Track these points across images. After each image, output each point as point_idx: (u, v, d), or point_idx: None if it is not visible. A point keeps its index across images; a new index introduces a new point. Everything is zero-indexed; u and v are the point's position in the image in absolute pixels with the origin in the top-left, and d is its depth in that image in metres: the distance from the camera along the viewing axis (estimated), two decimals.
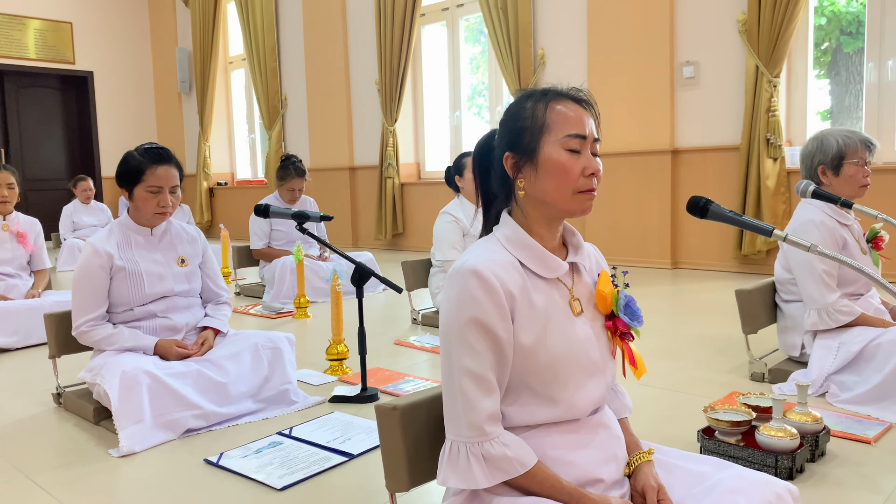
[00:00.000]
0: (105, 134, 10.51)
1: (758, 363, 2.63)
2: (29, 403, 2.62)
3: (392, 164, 7.44)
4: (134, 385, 2.16)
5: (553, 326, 1.25)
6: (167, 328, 2.47)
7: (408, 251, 7.50)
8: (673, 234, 5.51)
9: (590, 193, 1.26)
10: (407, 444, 1.33)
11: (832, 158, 2.52)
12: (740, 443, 1.85)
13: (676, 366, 2.85)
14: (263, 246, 4.83)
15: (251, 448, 2.08)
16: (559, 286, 1.30)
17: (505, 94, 6.78)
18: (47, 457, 2.10)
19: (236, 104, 10.22)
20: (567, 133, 1.25)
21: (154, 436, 2.15)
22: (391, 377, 2.79)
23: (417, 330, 3.70)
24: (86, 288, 2.40)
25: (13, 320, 3.47)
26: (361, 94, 7.88)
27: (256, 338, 2.51)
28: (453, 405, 1.21)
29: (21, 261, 3.78)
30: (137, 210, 2.46)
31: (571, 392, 1.25)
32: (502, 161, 1.31)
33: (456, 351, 1.21)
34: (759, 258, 5.11)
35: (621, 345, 1.34)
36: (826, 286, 2.48)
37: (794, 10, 4.73)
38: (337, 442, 2.10)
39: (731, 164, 5.22)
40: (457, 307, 1.21)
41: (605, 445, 1.30)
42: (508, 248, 1.28)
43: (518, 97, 1.33)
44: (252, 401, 2.41)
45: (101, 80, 10.44)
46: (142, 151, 2.44)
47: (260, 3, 8.71)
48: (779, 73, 4.89)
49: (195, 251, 2.63)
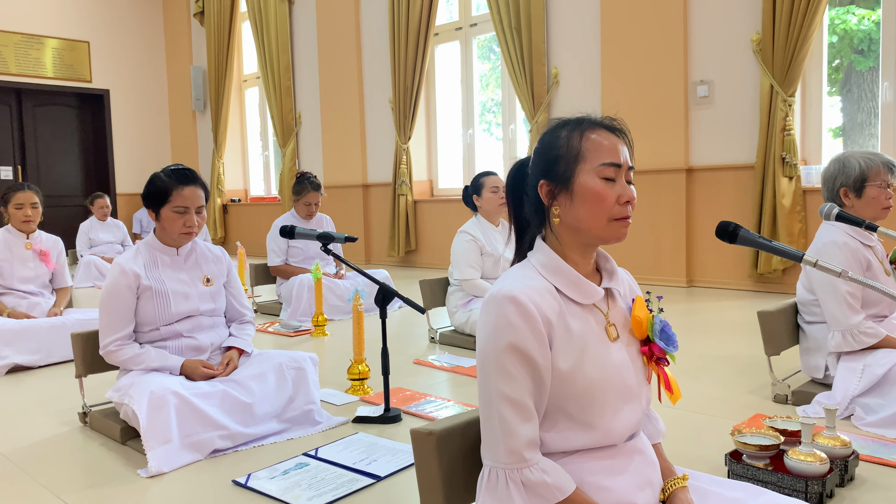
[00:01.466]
0: (120, 151, 10.62)
1: (781, 385, 2.62)
2: (54, 422, 2.64)
3: (405, 181, 7.48)
4: (162, 405, 2.18)
5: (590, 352, 1.26)
6: (193, 348, 2.50)
7: (421, 268, 7.52)
8: (688, 252, 5.51)
9: (625, 221, 1.28)
10: (443, 469, 1.34)
11: (854, 180, 2.53)
12: (769, 467, 1.85)
13: (698, 386, 2.84)
14: (281, 263, 4.86)
15: (278, 469, 2.09)
16: (595, 312, 1.31)
17: (518, 113, 6.82)
18: (76, 476, 2.12)
19: (250, 122, 10.31)
20: (602, 162, 1.27)
21: (181, 456, 2.17)
22: (412, 397, 2.79)
23: (436, 349, 3.71)
24: (113, 307, 2.43)
25: (36, 338, 3.50)
26: (375, 113, 7.94)
27: (281, 358, 2.53)
28: (491, 431, 1.22)
29: (43, 279, 3.83)
30: (164, 230, 2.50)
31: (608, 418, 1.26)
32: (536, 188, 1.33)
33: (494, 377, 1.22)
34: (776, 277, 5.10)
35: (657, 370, 1.35)
36: (850, 308, 2.48)
37: (808, 30, 4.75)
38: (363, 463, 2.11)
39: (746, 183, 5.23)
40: (494, 333, 1.23)
41: (641, 471, 1.31)
42: (544, 274, 1.30)
43: (552, 126, 1.35)
44: (277, 421, 2.42)
45: (117, 98, 10.57)
46: (168, 173, 2.48)
47: (275, 22, 8.82)
48: (794, 93, 4.91)
49: (220, 270, 2.66)
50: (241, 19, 9.82)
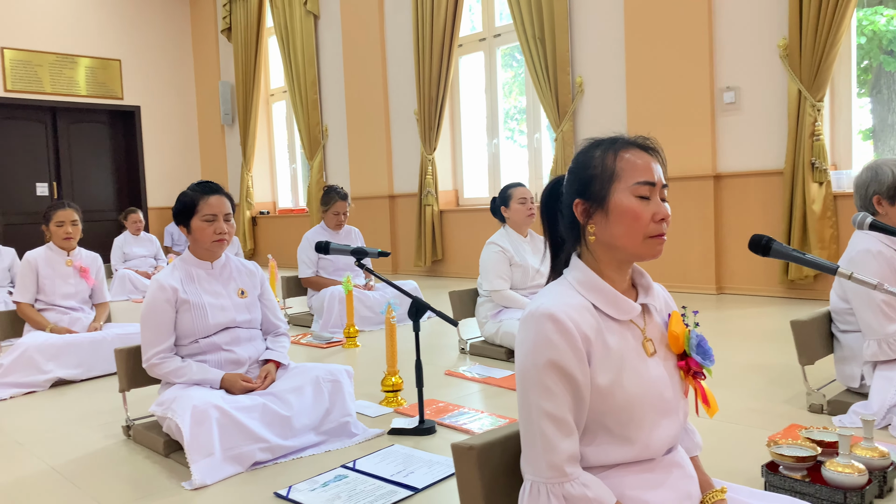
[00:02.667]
0: (151, 166, 10.84)
1: (816, 394, 2.61)
2: (99, 436, 2.72)
3: (431, 191, 7.54)
4: (204, 419, 2.24)
5: (628, 367, 1.28)
6: (231, 361, 2.56)
7: (447, 277, 7.56)
8: (717, 259, 5.48)
9: (660, 238, 1.30)
10: (484, 483, 1.37)
11: (888, 188, 2.52)
12: (806, 478, 1.85)
13: (731, 396, 2.84)
14: (312, 275, 4.93)
15: (318, 481, 2.14)
16: (632, 327, 1.34)
17: (542, 121, 6.84)
18: (123, 489, 2.18)
19: (278, 135, 10.46)
20: (637, 181, 1.30)
21: (224, 469, 2.22)
22: (446, 409, 2.83)
23: (466, 360, 3.74)
24: (153, 322, 2.50)
25: (77, 353, 3.60)
26: (400, 124, 8.02)
27: (317, 371, 2.58)
28: (532, 446, 1.25)
29: (83, 295, 3.93)
30: (196, 242, 2.58)
31: (647, 432, 1.28)
32: (571, 207, 1.36)
33: (534, 393, 1.25)
34: (807, 283, 5.05)
35: (694, 384, 1.37)
36: (885, 316, 2.46)
37: (836, 34, 4.72)
38: (401, 475, 2.14)
39: (774, 189, 5.19)
40: (533, 350, 1.26)
41: (680, 484, 1.33)
42: (581, 291, 1.32)
43: (586, 146, 1.38)
44: (314, 433, 2.47)
45: (148, 114, 10.80)
46: (193, 187, 2.61)
47: (301, 36, 8.96)
48: (822, 97, 4.87)
49: (253, 283, 2.73)
50: (268, 34, 9.99)
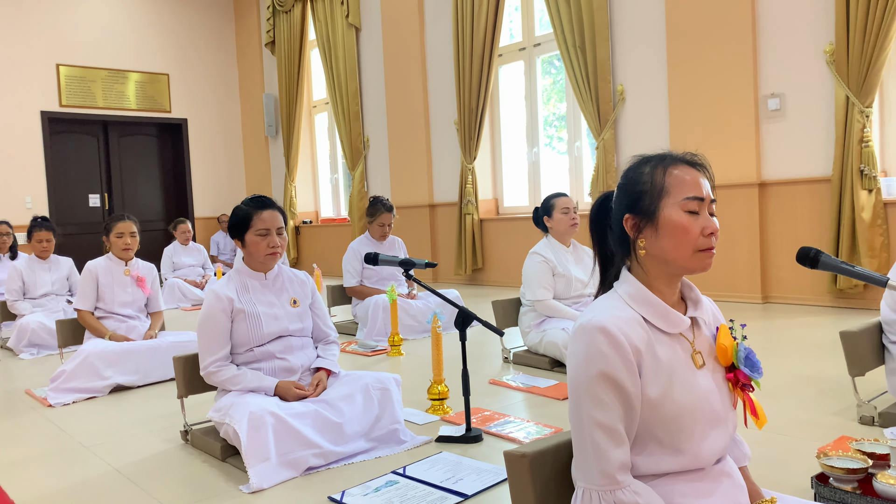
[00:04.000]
0: (197, 177, 11.13)
1: (867, 406, 2.58)
2: (158, 440, 2.84)
3: (471, 200, 7.60)
4: (260, 425, 2.32)
5: (678, 379, 1.32)
6: (285, 369, 2.65)
7: (488, 286, 7.60)
8: (763, 267, 5.42)
9: (709, 252, 1.34)
10: (536, 490, 1.41)
11: None
12: (857, 490, 1.84)
13: (780, 407, 2.82)
14: (356, 284, 5.03)
15: (370, 486, 2.20)
16: (681, 340, 1.37)
17: (583, 128, 6.85)
18: (184, 490, 2.28)
19: (320, 146, 10.65)
20: (686, 196, 1.33)
21: (279, 473, 2.30)
22: (492, 417, 2.87)
23: (510, 369, 3.77)
24: (210, 331, 2.61)
25: (134, 360, 3.74)
26: (441, 134, 8.10)
27: (367, 379, 2.65)
28: (584, 454, 1.29)
29: (140, 303, 4.09)
30: (251, 255, 2.68)
31: (697, 442, 1.31)
32: (621, 222, 1.40)
33: (586, 403, 1.29)
34: (856, 292, 4.96)
35: (742, 396, 1.39)
36: None
37: (885, 39, 4.64)
38: (450, 482, 2.20)
39: (821, 197, 5.12)
40: (585, 362, 1.30)
41: (729, 494, 1.35)
42: (631, 304, 1.36)
43: (635, 162, 1.42)
44: (365, 440, 2.54)
45: (194, 127, 11.10)
46: (247, 202, 2.69)
47: (343, 49, 9.13)
48: (871, 103, 4.80)
49: (305, 293, 2.82)
50: (310, 47, 10.19)
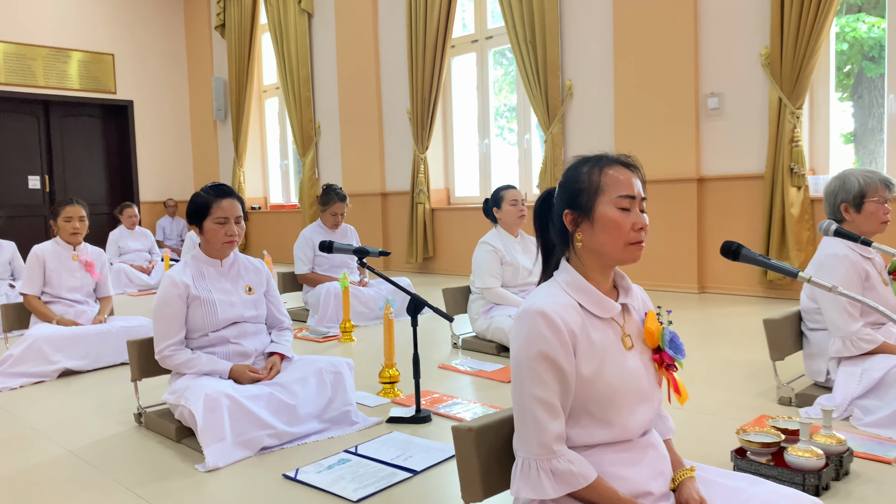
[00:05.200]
0: (143, 161, 10.92)
1: (785, 388, 2.80)
2: (112, 423, 2.87)
3: (423, 189, 7.70)
4: (216, 407, 2.39)
5: (609, 360, 1.46)
6: (239, 353, 2.72)
7: (438, 274, 7.72)
8: (700, 259, 5.68)
9: (639, 245, 1.48)
10: (481, 460, 1.54)
11: (854, 197, 2.71)
12: (770, 462, 2.04)
13: (708, 390, 3.03)
14: (308, 271, 5.08)
15: (323, 464, 2.30)
16: (613, 324, 1.51)
17: (532, 121, 7.01)
18: (141, 470, 2.34)
19: (270, 131, 10.57)
20: (619, 194, 1.47)
21: (234, 453, 2.38)
22: (440, 399, 3.00)
23: (459, 354, 3.91)
24: (165, 316, 2.65)
25: (84, 345, 3.73)
26: (393, 123, 8.17)
27: (320, 363, 2.74)
28: (525, 427, 1.43)
29: (88, 288, 4.07)
30: (208, 242, 2.73)
31: (625, 416, 1.46)
32: (561, 217, 1.53)
33: (527, 381, 1.42)
34: (785, 283, 5.27)
35: (667, 375, 1.54)
36: (850, 315, 2.65)
37: (815, 44, 4.92)
38: (400, 459, 2.31)
39: (755, 193, 5.40)
40: (526, 343, 1.43)
41: (654, 463, 1.50)
42: (569, 291, 1.50)
43: (575, 162, 1.55)
44: (318, 421, 2.63)
45: (141, 109, 10.88)
46: (207, 189, 2.73)
47: (294, 34, 9.08)
48: (801, 105, 5.08)
49: (260, 280, 2.88)
50: (261, 31, 10.09)
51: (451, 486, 2.12)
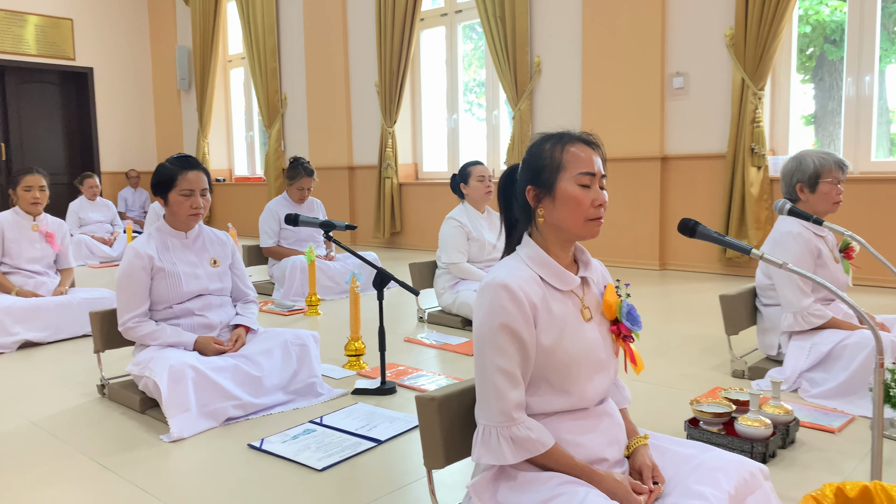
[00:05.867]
0: (104, 130, 10.66)
1: (739, 361, 2.91)
2: (74, 394, 2.85)
3: (391, 164, 7.68)
4: (181, 378, 2.40)
5: (568, 330, 1.51)
6: (204, 325, 2.72)
7: (405, 249, 7.74)
8: (661, 237, 5.79)
9: (598, 221, 1.52)
10: (443, 428, 1.59)
11: (809, 177, 2.80)
12: (721, 431, 2.12)
13: (666, 364, 3.12)
14: (273, 245, 5.06)
15: (288, 434, 2.33)
16: (572, 297, 1.56)
17: (501, 96, 7.02)
18: (105, 441, 2.34)
19: (235, 102, 10.40)
20: (579, 171, 1.51)
21: (199, 423, 2.40)
22: (406, 371, 3.04)
23: (424, 328, 3.95)
24: (129, 287, 2.64)
25: (44, 316, 3.69)
26: (361, 96, 8.10)
27: (285, 335, 2.76)
28: (486, 396, 1.47)
29: (49, 260, 4.00)
30: (173, 214, 2.71)
31: (583, 385, 1.51)
32: (524, 193, 1.57)
33: (488, 351, 1.46)
34: (743, 261, 5.41)
35: (624, 346, 1.60)
36: (801, 292, 2.75)
37: (778, 27, 5.00)
38: (365, 429, 2.35)
39: (717, 172, 5.51)
40: (489, 315, 1.47)
41: (609, 431, 1.56)
42: (530, 265, 1.54)
43: (538, 140, 1.58)
44: (283, 393, 2.66)
45: (101, 77, 10.59)
46: (172, 161, 2.70)
47: (261, 3, 8.90)
48: (763, 86, 5.17)
49: (225, 253, 2.87)
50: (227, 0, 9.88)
51: (414, 454, 2.17)
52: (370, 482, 1.99)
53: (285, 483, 1.99)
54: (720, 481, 1.44)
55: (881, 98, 5.12)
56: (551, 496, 1.37)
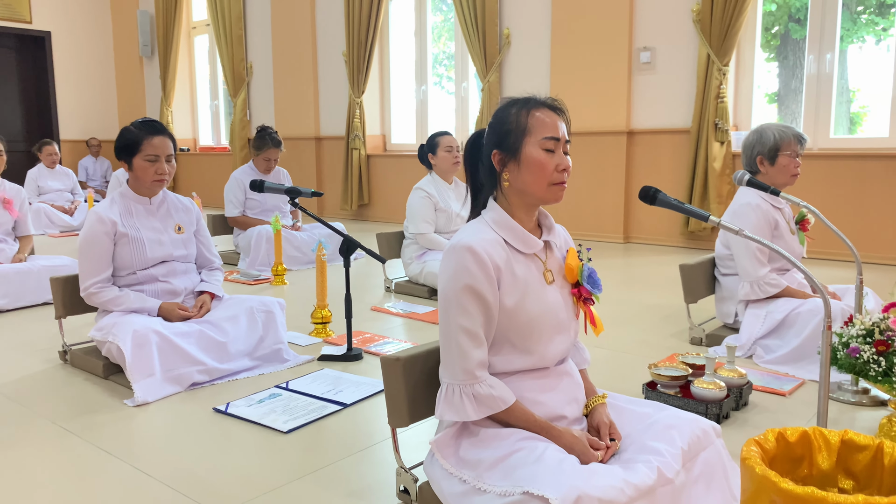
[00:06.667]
0: (63, 97, 10.36)
1: (697, 329, 2.99)
2: (36, 361, 2.82)
3: (358, 135, 7.62)
4: (144, 343, 2.39)
5: (530, 292, 1.54)
6: (168, 292, 2.70)
7: (373, 222, 7.73)
8: (626, 210, 5.87)
9: (561, 185, 1.55)
10: (407, 388, 1.62)
11: (769, 150, 2.87)
12: (678, 394, 2.19)
13: (627, 331, 3.19)
14: (238, 214, 5.01)
15: (254, 398, 2.34)
16: (535, 260, 1.59)
17: (470, 69, 7.00)
18: (68, 406, 2.32)
19: (199, 70, 10.18)
20: (544, 136, 1.53)
21: (164, 388, 2.39)
22: (372, 339, 3.07)
23: (392, 298, 3.97)
24: (91, 253, 2.60)
25: (3, 283, 3.62)
26: (328, 65, 8.00)
27: (251, 302, 2.75)
28: (450, 355, 1.50)
29: (7, 227, 3.91)
30: (137, 179, 2.67)
31: (543, 345, 1.55)
32: (490, 157, 1.58)
33: (453, 312, 1.49)
34: (705, 234, 5.52)
35: (584, 308, 1.64)
36: (758, 261, 2.83)
37: (744, 3, 5.06)
38: (331, 393, 2.38)
39: (682, 147, 5.59)
40: (454, 276, 1.49)
41: (568, 390, 1.61)
42: (495, 228, 1.56)
43: (504, 104, 1.60)
44: (249, 359, 2.66)
45: (59, 42, 10.26)
46: (138, 125, 2.65)
47: None
48: (728, 62, 5.25)
49: (189, 220, 2.85)
50: None
51: (379, 417, 2.20)
52: (335, 444, 2.02)
53: (250, 445, 2.01)
54: (674, 438, 1.50)
55: (842, 77, 5.23)
56: (511, 451, 1.41)
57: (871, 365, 1.84)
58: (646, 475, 1.37)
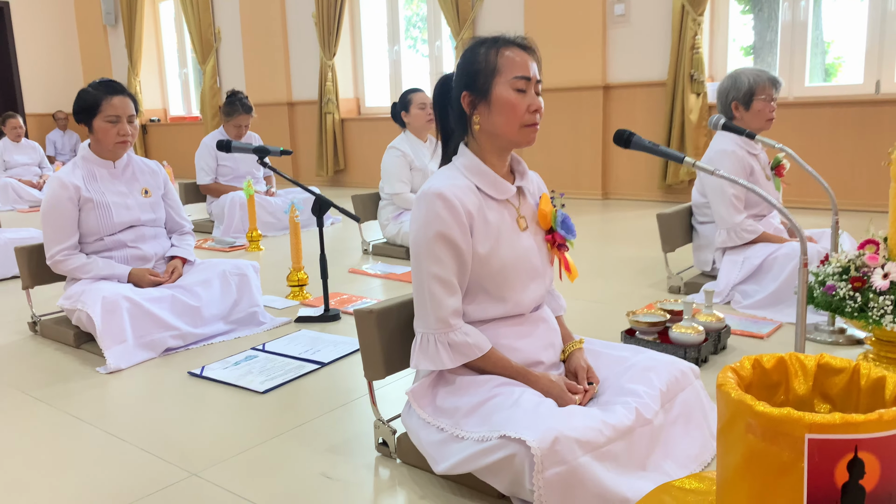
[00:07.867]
0: (27, 69, 10.05)
1: (675, 277, 2.99)
2: (4, 332, 2.76)
3: (331, 99, 7.48)
4: (115, 309, 2.33)
5: (503, 239, 1.51)
6: (138, 258, 2.63)
7: (350, 187, 7.63)
8: (604, 166, 5.85)
9: (533, 127, 1.51)
10: (382, 340, 1.59)
11: (744, 95, 2.83)
12: (656, 340, 2.19)
13: (605, 283, 3.19)
14: (210, 182, 4.91)
15: (230, 361, 2.31)
16: (508, 206, 1.55)
17: (444, 29, 6.87)
18: (38, 376, 2.27)
19: (167, 38, 9.91)
20: (515, 75, 1.48)
21: (137, 354, 2.35)
22: (349, 300, 3.03)
23: (369, 259, 3.93)
24: (55, 220, 2.52)
25: None
26: (298, 28, 7.81)
27: (224, 266, 2.70)
28: (423, 304, 1.47)
29: None
30: (99, 142, 2.58)
31: (518, 292, 1.53)
32: (459, 100, 1.53)
33: (425, 260, 1.45)
34: (682, 188, 5.52)
35: (558, 254, 1.61)
36: (735, 208, 2.82)
37: None
38: (308, 353, 2.35)
39: (658, 99, 5.55)
40: (425, 224, 1.45)
41: (545, 335, 1.59)
42: (466, 174, 1.52)
43: (472, 44, 1.54)
44: (223, 322, 2.62)
45: (19, 11, 9.92)
46: (95, 85, 2.56)
47: None
48: (703, 12, 5.18)
49: (157, 183, 2.77)
50: None
51: (357, 374, 2.17)
52: (313, 402, 1.99)
53: (226, 407, 1.98)
54: (652, 379, 1.49)
55: (816, 28, 5.19)
56: (488, 397, 1.40)
57: (847, 301, 1.84)
58: (624, 416, 1.36)
